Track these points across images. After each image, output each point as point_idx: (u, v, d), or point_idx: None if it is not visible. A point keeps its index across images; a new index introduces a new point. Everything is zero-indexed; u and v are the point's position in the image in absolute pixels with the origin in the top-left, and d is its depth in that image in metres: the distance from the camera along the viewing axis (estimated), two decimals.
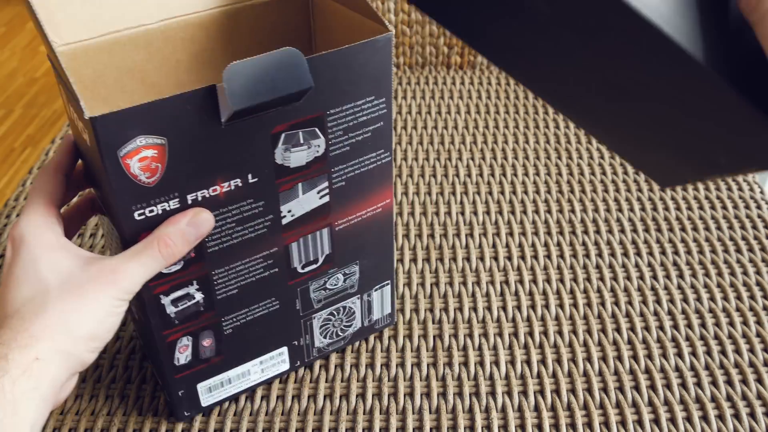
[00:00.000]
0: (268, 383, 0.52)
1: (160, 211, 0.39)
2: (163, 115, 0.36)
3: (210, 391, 0.49)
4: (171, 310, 0.43)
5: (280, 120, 0.40)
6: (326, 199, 0.46)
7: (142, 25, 0.48)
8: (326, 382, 0.52)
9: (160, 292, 0.42)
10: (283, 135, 0.41)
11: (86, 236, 0.66)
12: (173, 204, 0.39)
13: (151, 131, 0.36)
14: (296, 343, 0.51)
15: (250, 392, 0.52)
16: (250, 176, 0.41)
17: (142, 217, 0.39)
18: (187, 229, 0.39)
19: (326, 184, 0.45)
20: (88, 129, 0.36)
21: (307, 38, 0.56)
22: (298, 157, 0.43)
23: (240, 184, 0.41)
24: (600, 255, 0.64)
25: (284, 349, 0.51)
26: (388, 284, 0.53)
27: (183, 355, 0.45)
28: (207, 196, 0.40)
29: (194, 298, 0.43)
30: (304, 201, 0.45)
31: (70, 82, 0.36)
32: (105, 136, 0.35)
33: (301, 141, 0.42)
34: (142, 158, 0.37)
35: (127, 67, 0.49)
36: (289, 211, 0.44)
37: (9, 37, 2.36)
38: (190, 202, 0.40)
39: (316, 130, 0.42)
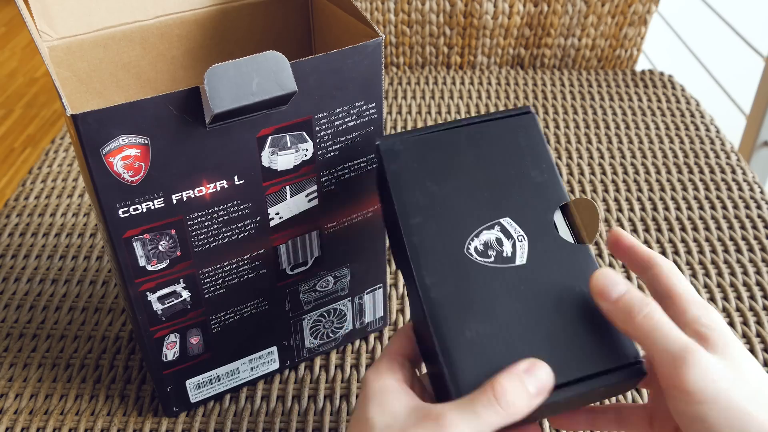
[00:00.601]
0: (263, 380, 0.52)
1: (144, 210, 0.39)
2: (146, 115, 0.36)
3: (199, 387, 0.49)
4: (158, 307, 0.43)
5: (267, 123, 0.40)
6: (315, 202, 0.45)
7: (137, 21, 0.48)
8: (326, 382, 0.52)
9: (146, 289, 0.42)
10: (269, 138, 0.41)
11: (86, 236, 0.66)
12: (158, 203, 0.39)
13: (134, 131, 0.36)
14: (286, 343, 0.51)
15: (252, 391, 0.52)
16: (236, 178, 0.41)
17: (127, 214, 0.39)
18: (526, 377, 0.34)
19: (315, 187, 0.45)
20: (71, 126, 0.36)
21: (306, 38, 0.56)
22: (285, 161, 0.42)
23: (226, 186, 0.41)
24: (600, 255, 0.64)
25: (273, 349, 0.51)
26: (380, 287, 0.53)
27: (171, 351, 0.46)
28: (192, 196, 0.40)
29: (181, 296, 0.44)
30: (293, 204, 0.45)
31: (53, 77, 0.36)
32: (87, 133, 0.35)
33: (289, 144, 0.42)
34: (125, 157, 0.37)
35: (123, 62, 0.49)
36: (277, 214, 0.44)
37: (9, 37, 2.38)
38: (175, 201, 0.40)
39: (304, 133, 0.42)
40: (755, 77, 1.00)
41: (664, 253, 0.64)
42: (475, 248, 0.38)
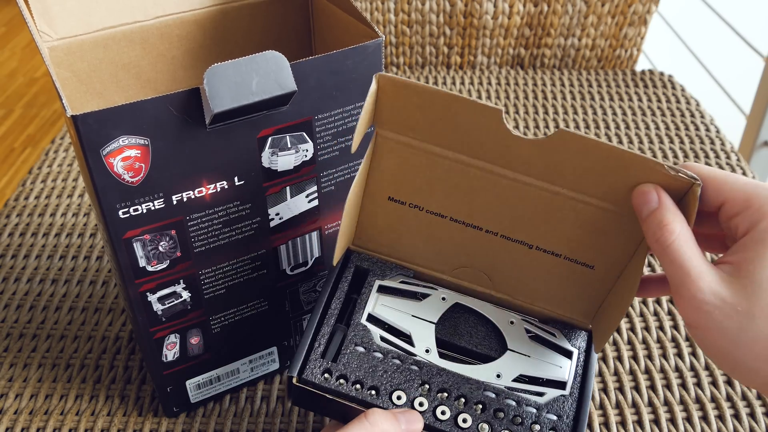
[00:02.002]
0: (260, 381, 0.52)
1: (144, 210, 0.39)
2: (146, 116, 0.36)
3: (199, 388, 0.49)
4: (158, 307, 0.43)
5: (267, 124, 0.40)
6: (315, 203, 0.45)
7: (137, 21, 0.48)
8: None
9: (147, 289, 0.42)
10: (269, 139, 0.41)
11: (86, 236, 0.66)
12: (158, 204, 0.39)
13: (134, 131, 0.36)
14: (286, 343, 0.51)
15: (252, 391, 0.52)
16: (236, 179, 0.41)
17: (127, 215, 0.39)
18: (400, 415, 0.37)
19: (315, 188, 0.45)
20: (71, 126, 0.36)
21: (306, 39, 0.56)
22: (285, 161, 0.42)
23: (226, 186, 0.41)
24: None
25: (274, 349, 0.51)
26: None
27: (171, 352, 0.46)
28: (192, 197, 0.40)
29: (181, 297, 0.44)
30: (293, 204, 0.45)
31: (53, 78, 0.36)
32: (87, 134, 0.35)
33: (289, 145, 0.42)
34: (125, 158, 0.37)
35: (123, 63, 0.49)
36: (277, 214, 0.44)
37: (9, 37, 2.38)
38: (175, 202, 0.40)
39: (304, 134, 0.42)
40: (755, 77, 0.99)
41: None
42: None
